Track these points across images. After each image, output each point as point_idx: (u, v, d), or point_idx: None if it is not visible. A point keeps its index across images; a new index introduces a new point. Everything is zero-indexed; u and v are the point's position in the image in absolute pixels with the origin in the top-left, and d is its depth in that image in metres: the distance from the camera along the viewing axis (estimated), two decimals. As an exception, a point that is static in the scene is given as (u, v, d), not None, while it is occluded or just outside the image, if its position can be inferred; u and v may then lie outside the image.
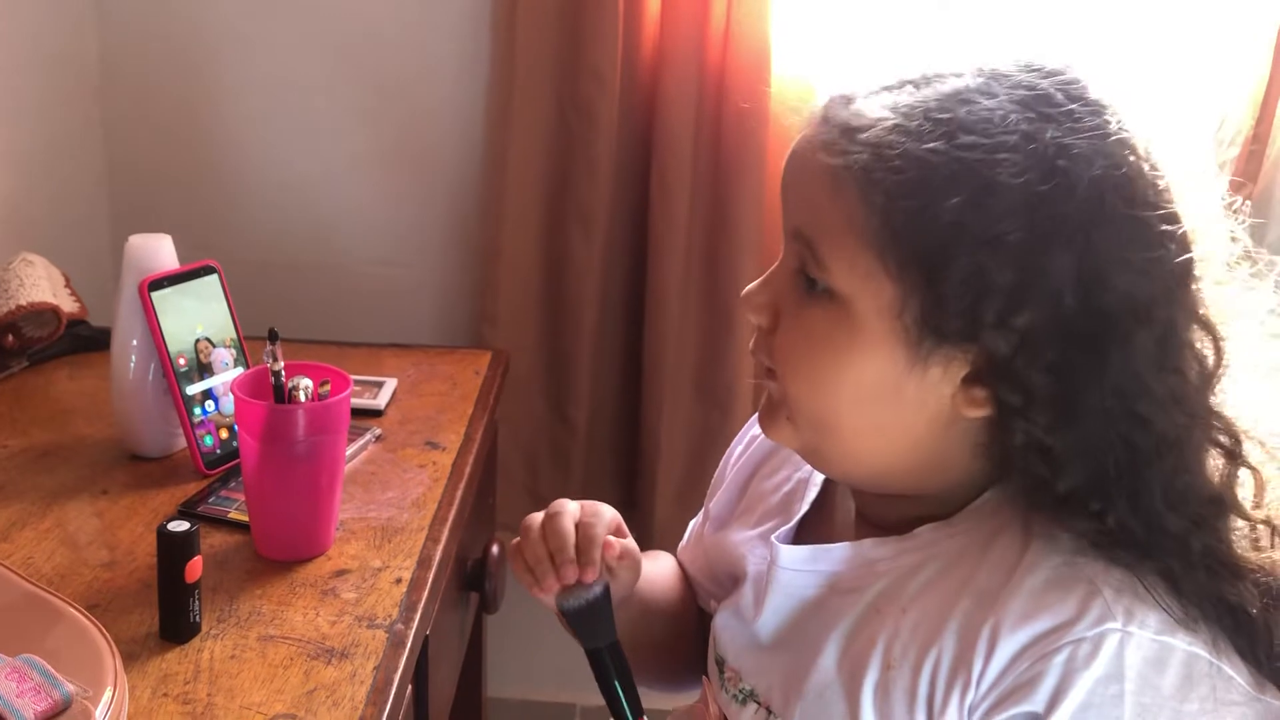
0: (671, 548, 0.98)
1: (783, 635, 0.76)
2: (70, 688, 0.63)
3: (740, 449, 0.92)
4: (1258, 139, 1.36)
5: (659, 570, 0.94)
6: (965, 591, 0.67)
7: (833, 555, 0.75)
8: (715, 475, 0.94)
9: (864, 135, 0.65)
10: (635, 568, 0.82)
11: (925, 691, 0.67)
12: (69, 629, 0.72)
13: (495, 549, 1.25)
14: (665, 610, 0.92)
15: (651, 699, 0.81)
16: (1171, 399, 0.65)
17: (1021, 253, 0.63)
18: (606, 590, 0.77)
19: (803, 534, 0.81)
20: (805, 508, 0.81)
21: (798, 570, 0.76)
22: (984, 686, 0.65)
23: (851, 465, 0.73)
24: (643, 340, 1.52)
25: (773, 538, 0.78)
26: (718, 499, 0.91)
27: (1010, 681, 0.64)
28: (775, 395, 0.73)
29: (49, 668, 0.65)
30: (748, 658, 0.79)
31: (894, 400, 0.68)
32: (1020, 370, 0.64)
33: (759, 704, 0.77)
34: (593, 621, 0.77)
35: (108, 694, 0.66)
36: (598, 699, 0.79)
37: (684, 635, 0.92)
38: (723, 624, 0.83)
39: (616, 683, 0.77)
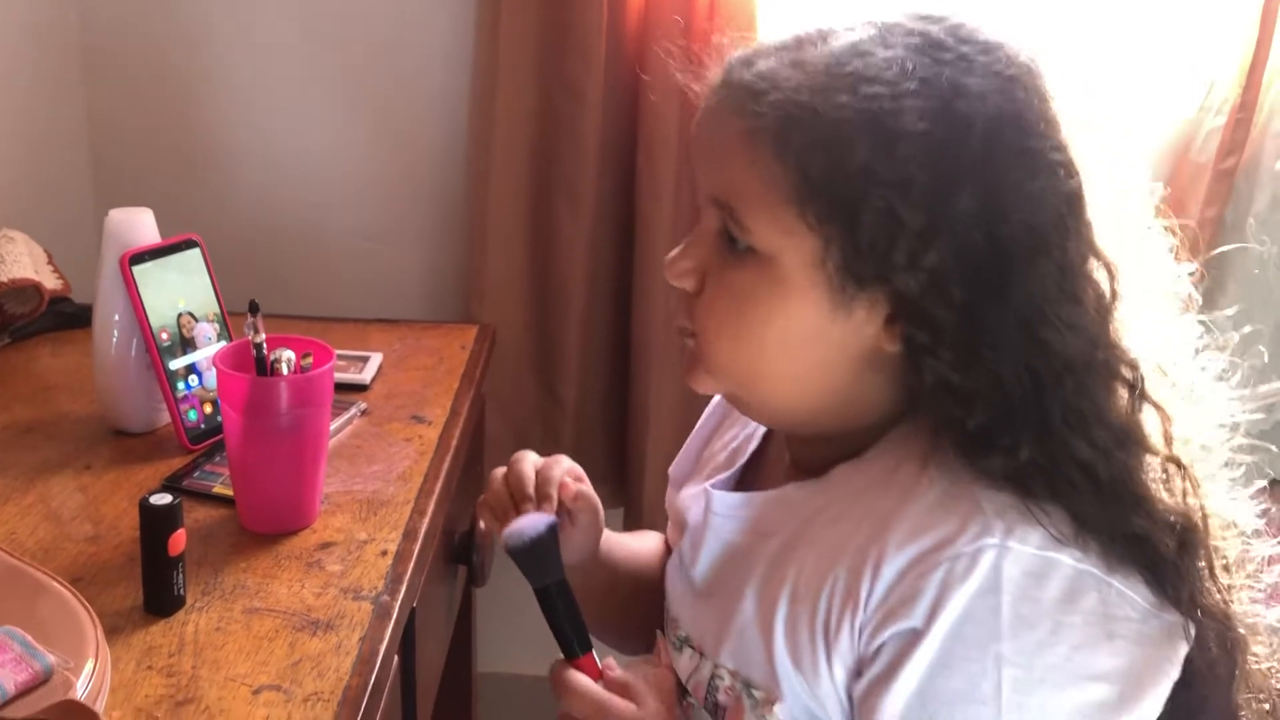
0: (660, 523, 0.98)
1: (713, 581, 0.79)
2: (51, 659, 0.63)
3: (705, 414, 0.95)
4: (1244, 108, 1.35)
5: (641, 542, 0.97)
6: (864, 520, 0.69)
7: (758, 500, 0.78)
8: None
9: (771, 96, 0.67)
10: (593, 512, 0.85)
11: (823, 619, 0.69)
12: (51, 602, 0.72)
13: (482, 523, 1.25)
14: (641, 577, 0.94)
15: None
16: (1069, 325, 0.66)
17: (928, 194, 0.65)
18: (553, 529, 0.79)
19: (743, 485, 0.84)
20: (744, 459, 0.85)
21: (728, 516, 0.79)
22: (870, 607, 0.67)
23: (775, 410, 0.76)
24: (631, 316, 1.51)
25: (708, 485, 0.82)
26: (677, 461, 0.94)
27: (893, 599, 0.66)
28: (694, 352, 0.75)
29: (29, 639, 0.65)
30: (685, 606, 0.82)
31: (817, 347, 0.71)
32: (929, 308, 0.67)
33: (693, 649, 0.80)
34: (539, 559, 0.78)
35: (89, 665, 0.65)
36: None
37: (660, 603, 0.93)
38: (669, 575, 0.86)
39: (563, 619, 0.79)
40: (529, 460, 0.85)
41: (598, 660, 0.80)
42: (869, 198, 0.65)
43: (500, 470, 0.86)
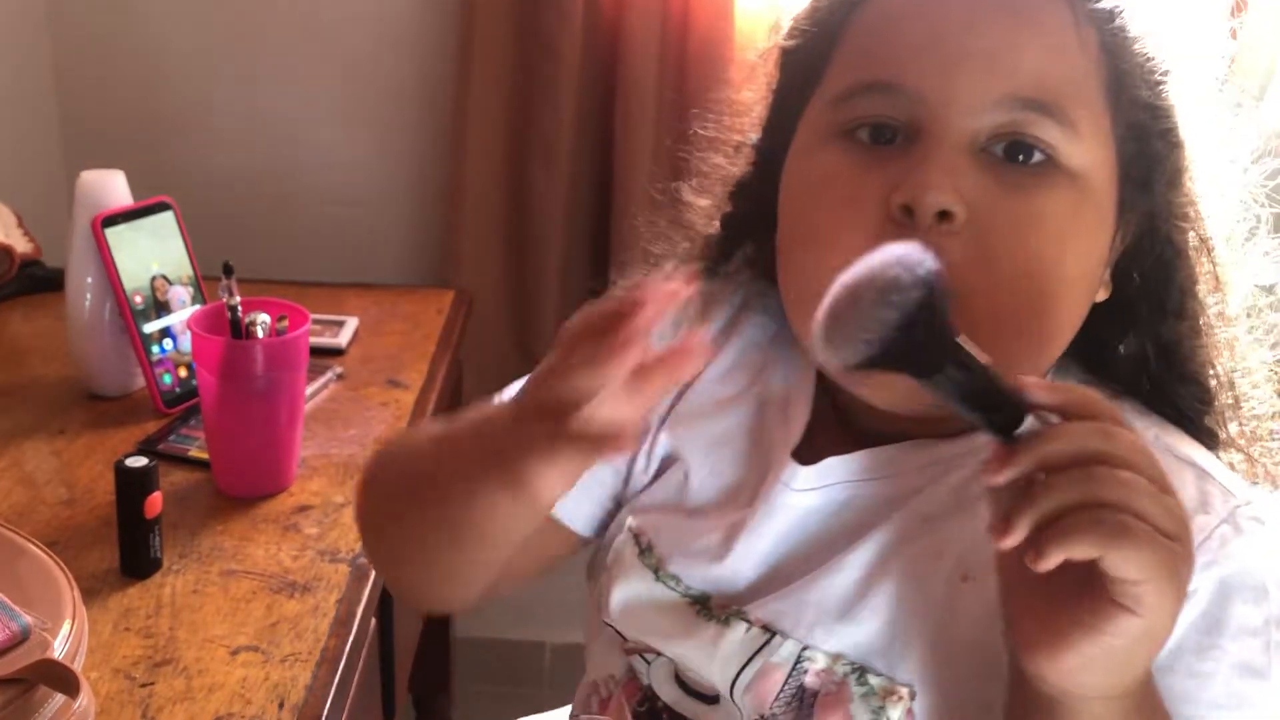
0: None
1: (795, 554, 0.67)
2: (28, 619, 0.63)
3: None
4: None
5: None
6: None
7: (865, 463, 0.66)
8: None
9: None
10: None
11: None
12: (27, 564, 0.72)
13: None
14: None
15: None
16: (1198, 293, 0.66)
17: (1178, 129, 0.62)
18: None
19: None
20: (803, 425, 0.69)
21: (815, 488, 0.66)
22: None
23: (1011, 367, 0.59)
24: (609, 277, 1.50)
25: (788, 457, 0.68)
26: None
27: None
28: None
29: (7, 600, 0.64)
30: (733, 574, 0.68)
31: (1091, 285, 0.63)
32: (1154, 249, 0.64)
33: (749, 623, 0.66)
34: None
35: (66, 626, 0.65)
36: (567, 637, 0.73)
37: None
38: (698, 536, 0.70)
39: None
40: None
41: None
42: (1165, 106, 0.61)
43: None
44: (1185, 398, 0.66)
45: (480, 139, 1.46)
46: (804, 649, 0.64)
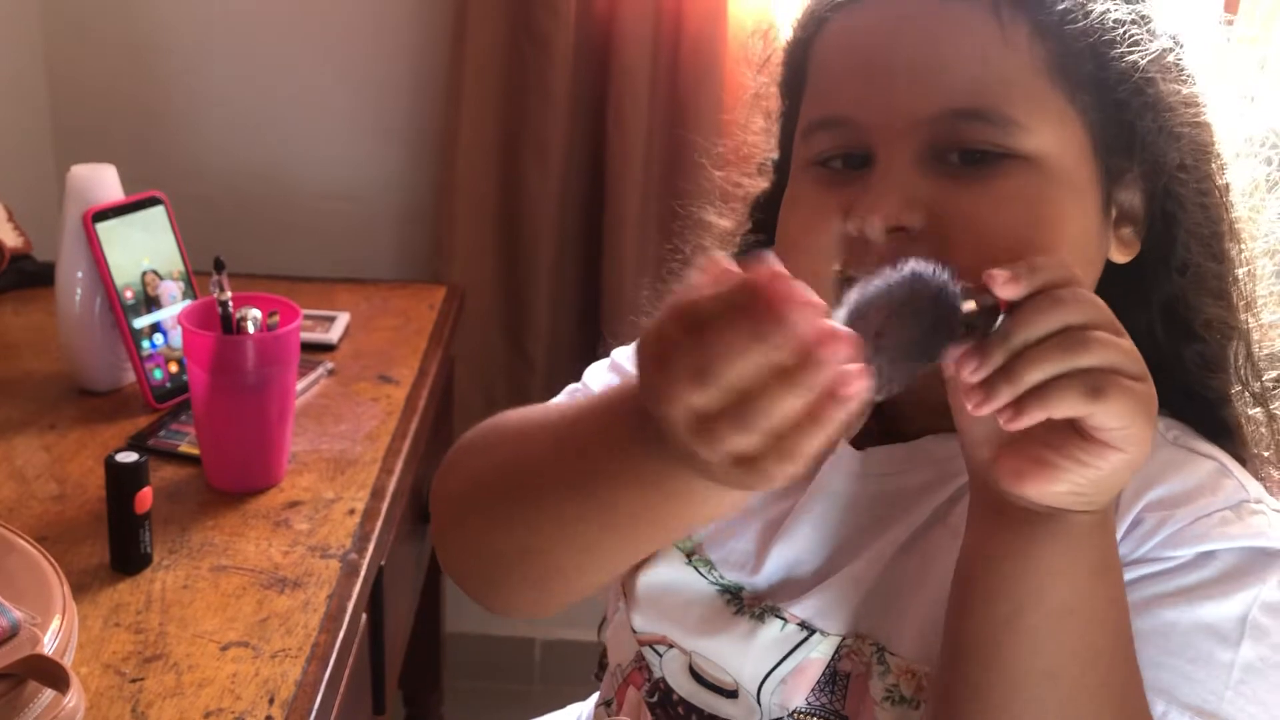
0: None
1: (834, 543, 0.68)
2: (17, 614, 0.63)
3: None
4: None
5: None
6: None
7: (896, 455, 0.67)
8: None
9: None
10: None
11: None
12: (17, 559, 0.72)
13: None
14: None
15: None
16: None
17: (1171, 69, 0.62)
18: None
19: None
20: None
21: (853, 474, 0.68)
22: (1129, 546, 0.61)
23: None
24: (601, 274, 1.51)
25: (844, 444, 0.68)
26: None
27: (1154, 552, 0.61)
28: None
29: (-5, 596, 0.64)
30: (774, 568, 0.68)
31: (1096, 260, 0.63)
32: (1168, 207, 0.64)
33: (783, 619, 0.67)
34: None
35: (56, 621, 0.65)
36: (556, 633, 0.73)
37: None
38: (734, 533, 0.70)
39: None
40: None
41: None
42: (1122, 66, 0.61)
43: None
44: (1190, 358, 0.66)
45: (472, 134, 1.46)
46: (844, 639, 0.65)
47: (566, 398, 0.76)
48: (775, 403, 0.43)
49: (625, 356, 0.81)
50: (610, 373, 0.81)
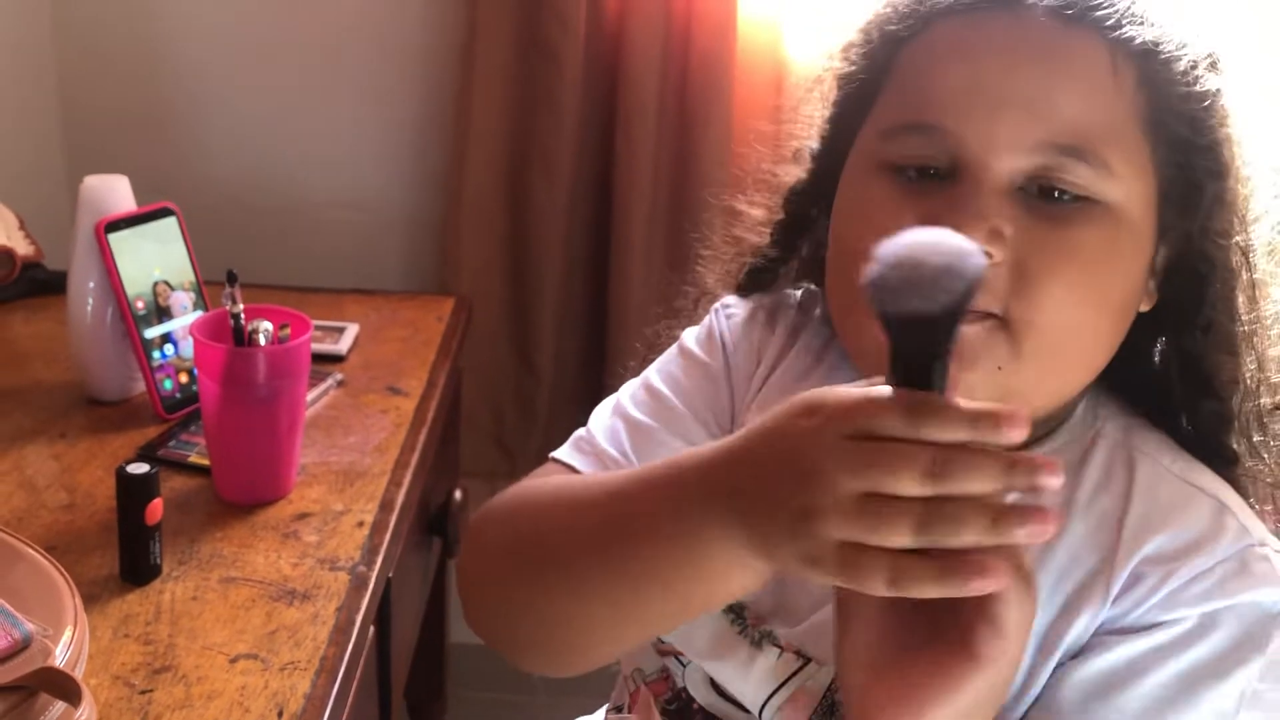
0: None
1: None
2: (29, 626, 0.63)
3: (683, 387, 0.78)
4: None
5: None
6: (1071, 516, 0.64)
7: None
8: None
9: (1130, 6, 0.61)
10: None
11: (1040, 620, 0.62)
12: (28, 570, 0.72)
13: (459, 494, 1.26)
14: None
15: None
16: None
17: (1229, 138, 0.63)
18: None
19: None
20: None
21: None
22: (1122, 604, 0.62)
23: (1052, 393, 0.65)
24: (608, 286, 1.51)
25: None
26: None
27: (1154, 597, 0.62)
28: (984, 339, 0.61)
29: (8, 607, 0.64)
30: (768, 598, 0.69)
31: (1133, 304, 0.65)
32: (1199, 260, 0.65)
33: (780, 648, 0.68)
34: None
35: (68, 633, 0.65)
36: None
37: None
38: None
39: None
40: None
41: None
42: (1205, 129, 0.62)
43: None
44: (1205, 413, 0.67)
45: (481, 147, 1.46)
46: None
47: (573, 450, 0.75)
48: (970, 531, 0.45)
49: (696, 340, 0.79)
50: (695, 351, 0.79)
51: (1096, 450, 0.67)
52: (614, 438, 0.75)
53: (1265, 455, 0.68)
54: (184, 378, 1.05)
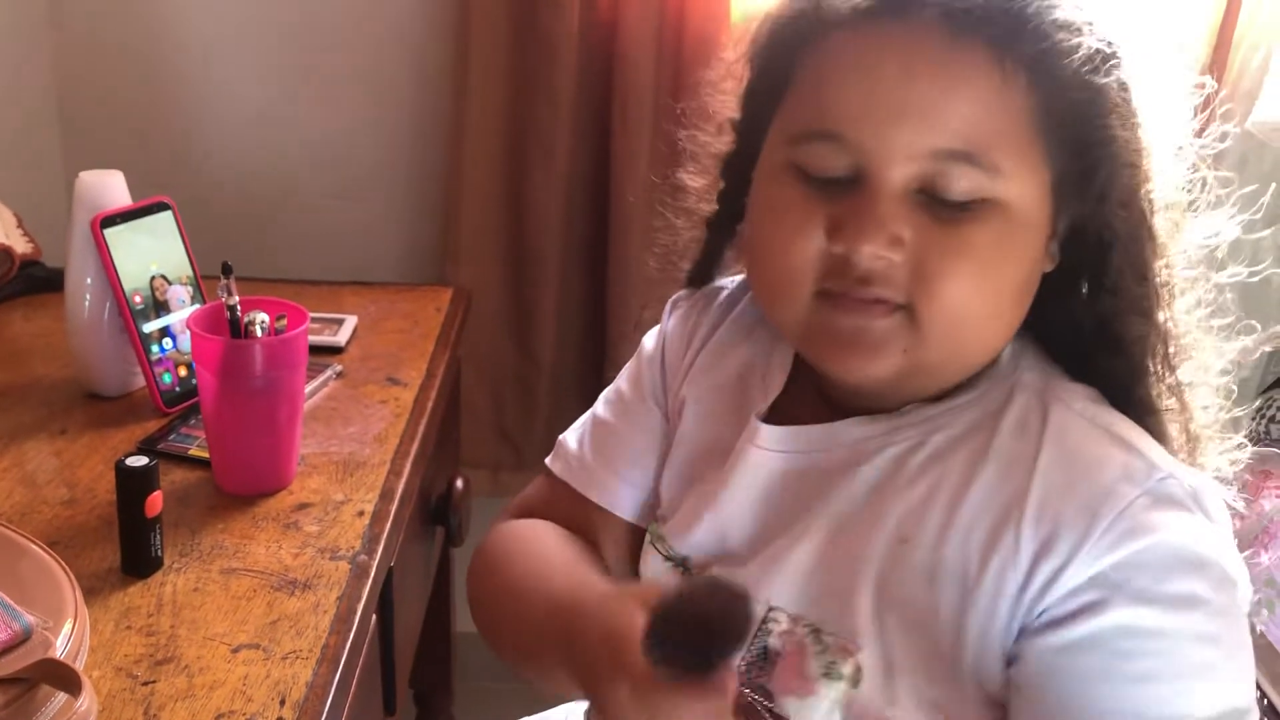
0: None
1: (762, 519, 0.75)
2: (30, 619, 0.64)
3: (645, 364, 0.88)
4: (1214, 68, 1.36)
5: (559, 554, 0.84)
6: (986, 460, 0.68)
7: (815, 434, 0.74)
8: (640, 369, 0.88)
9: (1025, 8, 0.63)
10: None
11: (955, 565, 0.66)
12: (29, 564, 0.72)
13: (460, 484, 1.26)
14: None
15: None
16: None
17: (1128, 117, 0.66)
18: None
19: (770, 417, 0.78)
20: (773, 395, 0.78)
21: (777, 451, 0.74)
22: (1052, 556, 0.64)
23: (963, 367, 0.71)
24: (607, 274, 1.51)
25: (753, 416, 0.76)
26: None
27: (1087, 544, 0.63)
28: (890, 328, 0.67)
29: (8, 600, 0.65)
30: (708, 542, 0.76)
31: (1034, 279, 0.69)
32: (1102, 226, 0.68)
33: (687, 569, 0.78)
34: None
35: (68, 625, 0.66)
36: None
37: None
38: (686, 511, 0.79)
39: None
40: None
41: None
42: (1096, 122, 0.65)
43: None
44: (1118, 370, 0.71)
45: (478, 138, 1.46)
46: (770, 609, 0.71)
47: (553, 456, 0.89)
48: None
49: (648, 336, 0.91)
50: (646, 346, 0.90)
51: (1014, 399, 0.70)
52: (580, 439, 0.88)
53: (1179, 401, 0.72)
54: (183, 371, 1.05)
